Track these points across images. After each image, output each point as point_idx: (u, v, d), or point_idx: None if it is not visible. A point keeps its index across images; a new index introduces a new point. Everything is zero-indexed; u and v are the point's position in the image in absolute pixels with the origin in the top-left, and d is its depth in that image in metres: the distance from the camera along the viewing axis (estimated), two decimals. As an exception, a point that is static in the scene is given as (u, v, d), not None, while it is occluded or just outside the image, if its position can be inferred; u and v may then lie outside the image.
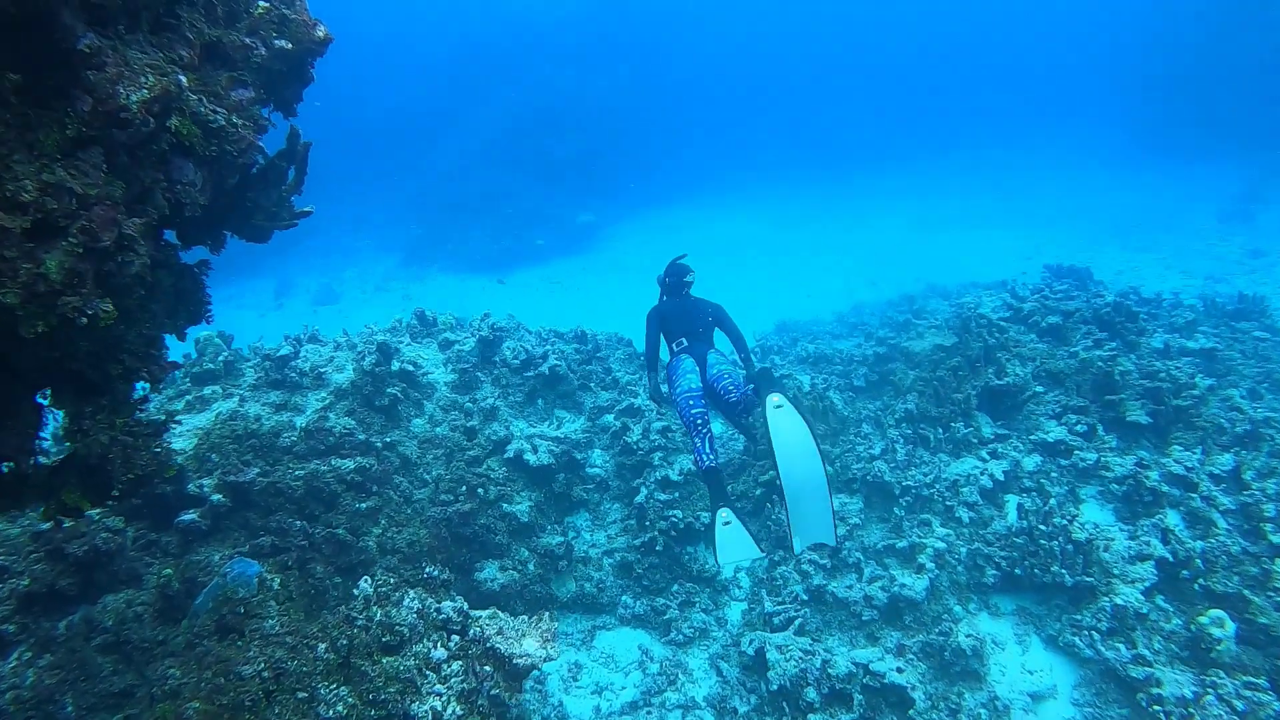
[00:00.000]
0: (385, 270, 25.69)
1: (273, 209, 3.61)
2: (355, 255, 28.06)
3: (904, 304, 11.12)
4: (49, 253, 2.41)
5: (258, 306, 23.38)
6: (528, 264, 23.86)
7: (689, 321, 6.37)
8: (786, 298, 18.65)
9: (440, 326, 8.76)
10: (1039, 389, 7.70)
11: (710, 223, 28.00)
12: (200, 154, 2.84)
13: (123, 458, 3.14)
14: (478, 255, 24.53)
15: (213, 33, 2.83)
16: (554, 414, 8.14)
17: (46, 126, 2.33)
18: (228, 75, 2.91)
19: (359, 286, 24.32)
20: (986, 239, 22.96)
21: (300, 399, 7.18)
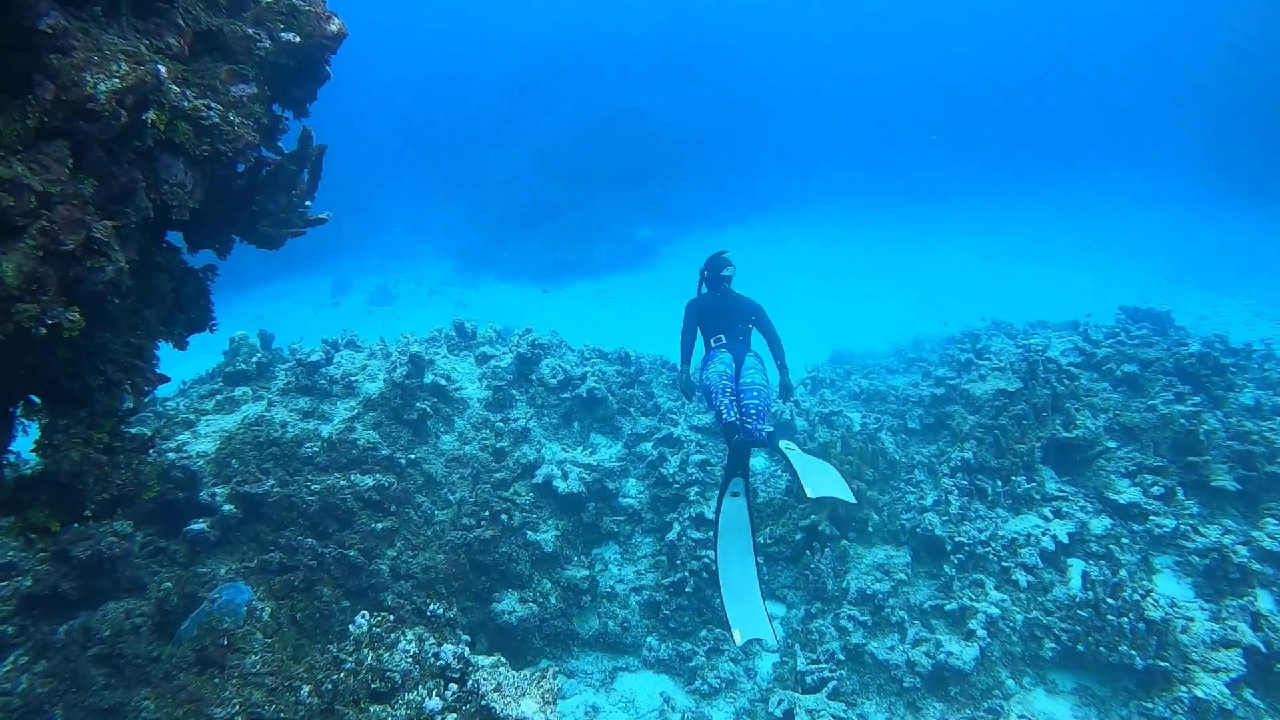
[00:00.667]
0: (441, 275, 25.86)
1: (281, 214, 3.36)
2: (413, 258, 28.36)
3: (966, 341, 10.47)
4: (4, 254, 2.17)
5: (315, 303, 23.74)
6: (582, 277, 23.68)
7: (728, 318, 6.25)
8: (843, 326, 18.02)
9: (479, 340, 8.52)
10: (1111, 444, 7.05)
11: (769, 244, 27.43)
12: (191, 153, 2.60)
13: (97, 475, 2.90)
14: (533, 265, 24.48)
15: (211, 21, 2.59)
16: (590, 438, 7.81)
17: (5, 115, 2.10)
18: (227, 68, 2.66)
19: (414, 289, 24.51)
20: (1056, 275, 21.92)
21: (329, 407, 6.99)
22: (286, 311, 22.60)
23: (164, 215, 2.65)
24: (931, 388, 8.27)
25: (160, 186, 2.57)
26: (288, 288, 24.99)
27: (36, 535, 2.94)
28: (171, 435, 6.58)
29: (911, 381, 9.70)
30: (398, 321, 20.67)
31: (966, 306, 19.08)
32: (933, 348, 11.47)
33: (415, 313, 21.65)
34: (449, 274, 25.69)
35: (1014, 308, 18.62)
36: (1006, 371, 8.56)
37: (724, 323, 6.26)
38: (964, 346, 10.03)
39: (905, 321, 18.05)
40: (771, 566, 6.86)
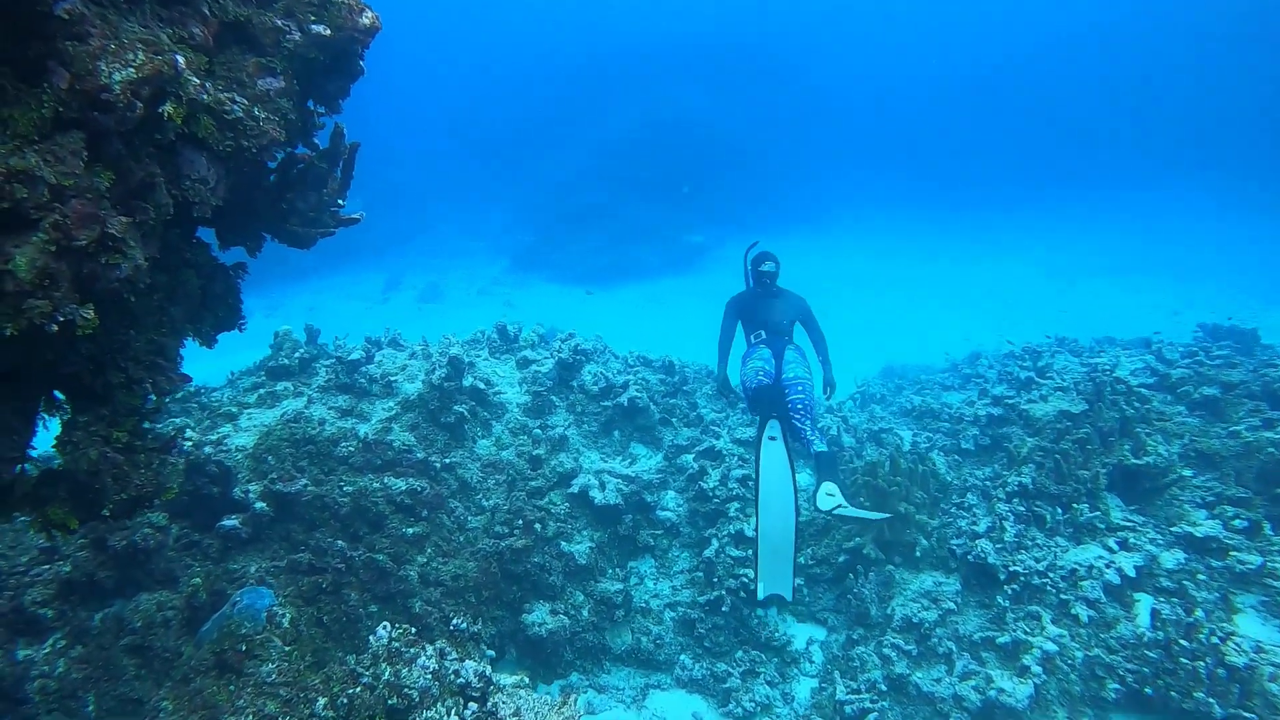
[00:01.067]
0: (492, 274, 26.05)
1: (311, 213, 3.27)
2: (466, 256, 28.64)
3: (1027, 358, 9.99)
4: (19, 248, 2.10)
5: (366, 297, 24.15)
6: (632, 280, 23.58)
7: (769, 313, 6.29)
8: (897, 339, 17.52)
9: (521, 343, 8.44)
10: (1187, 472, 6.59)
11: (824, 253, 26.96)
12: (214, 148, 2.51)
13: (116, 474, 2.84)
14: (583, 268, 24.48)
15: (240, 11, 2.50)
16: (630, 447, 7.64)
17: (22, 103, 2.03)
18: (254, 61, 2.58)
19: (464, 288, 24.73)
20: (1127, 289, 20.98)
21: (367, 406, 6.97)
22: (338, 305, 23.01)
23: (185, 211, 2.57)
24: (988, 407, 7.87)
25: (181, 182, 2.49)
26: (340, 281, 25.46)
27: (58, 531, 2.90)
28: (214, 427, 6.64)
29: (967, 399, 9.29)
30: (445, 320, 20.85)
31: (1029, 322, 18.39)
32: (991, 363, 10.99)
33: (463, 311, 21.79)
34: (499, 274, 25.87)
35: (1080, 324, 17.88)
36: (1070, 392, 8.10)
37: (765, 317, 6.27)
38: (1024, 364, 9.57)
39: (963, 336, 17.49)
40: (812, 588, 6.59)
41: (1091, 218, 30.84)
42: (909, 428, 8.40)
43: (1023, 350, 10.90)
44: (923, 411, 8.45)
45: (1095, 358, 9.74)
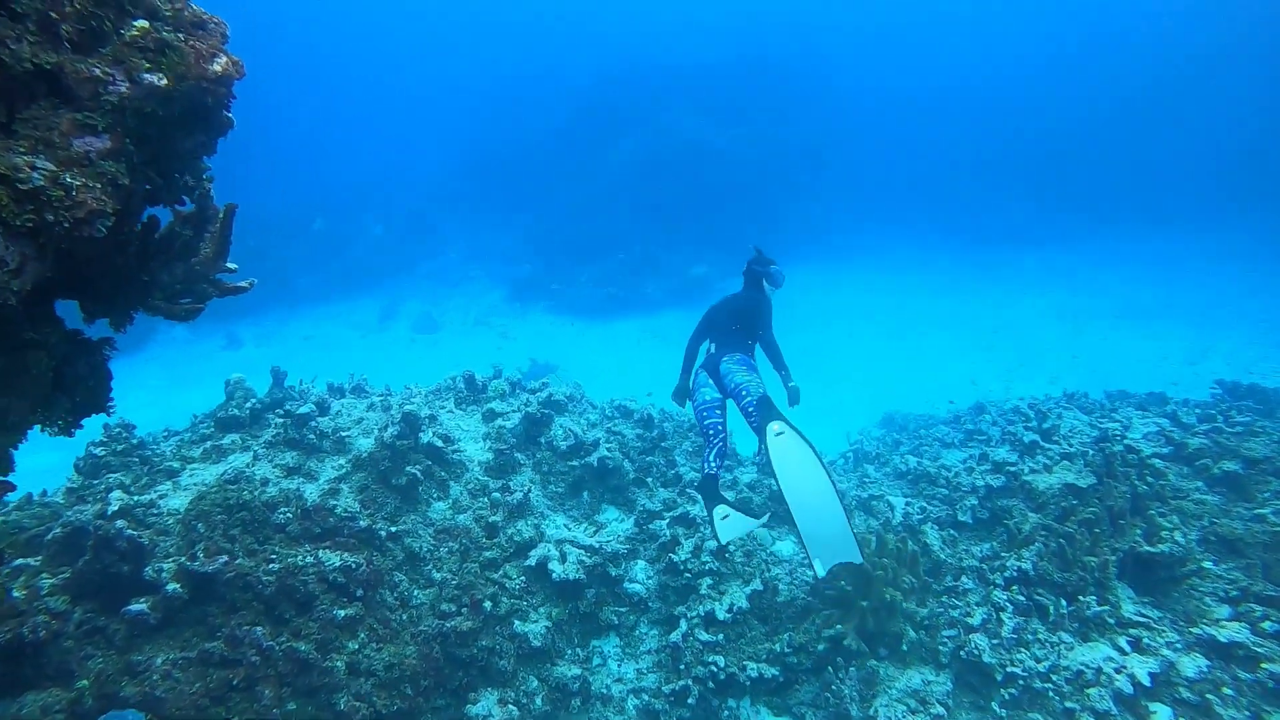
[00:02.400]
0: (490, 304, 25.68)
1: (178, 285, 2.80)
2: (465, 284, 28.30)
3: (1034, 417, 9.40)
4: None
5: (362, 326, 23.79)
6: (633, 313, 23.11)
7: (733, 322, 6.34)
8: (901, 382, 16.95)
9: (490, 393, 7.94)
10: (1207, 563, 5.98)
11: (829, 288, 26.47)
12: (10, 224, 2.06)
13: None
14: (582, 299, 24.06)
15: (47, 57, 2.06)
16: (601, 510, 7.11)
17: None
18: (69, 118, 2.13)
19: (460, 318, 24.34)
20: (1142, 335, 20.30)
21: (316, 464, 6.47)
22: (334, 334, 22.69)
23: None
24: (988, 475, 7.29)
25: (-30, 265, 2.03)
26: (338, 310, 25.18)
27: None
28: (153, 484, 6.17)
29: (967, 460, 8.71)
30: (438, 352, 20.50)
31: (1039, 367, 17.78)
32: (995, 419, 10.41)
33: (457, 342, 21.46)
34: (497, 303, 25.50)
35: (1092, 371, 17.27)
36: (1077, 460, 7.52)
37: (727, 327, 6.35)
38: (1029, 424, 8.99)
39: (969, 379, 16.91)
40: (789, 678, 6.00)
41: (1110, 257, 30.19)
42: (903, 492, 7.82)
43: (1028, 405, 10.34)
44: (918, 475, 7.88)
45: (1106, 419, 9.14)
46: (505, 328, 22.76)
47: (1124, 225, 33.96)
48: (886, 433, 12.00)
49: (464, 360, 19.27)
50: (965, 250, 31.97)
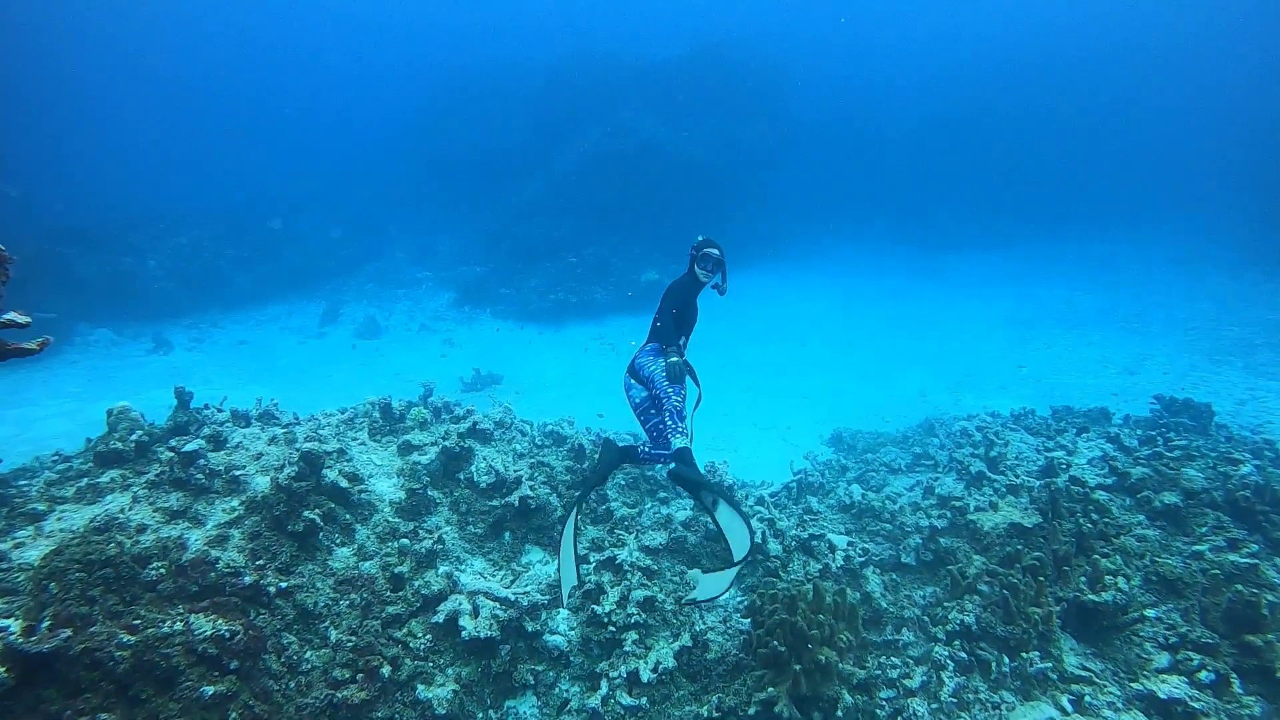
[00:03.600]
0: (436, 308, 24.87)
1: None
2: (413, 287, 27.42)
3: (981, 442, 9.20)
4: None
5: (301, 331, 22.80)
6: (581, 319, 22.58)
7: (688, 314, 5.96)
8: (853, 392, 16.75)
9: (408, 422, 7.38)
10: (1149, 612, 5.74)
11: (781, 296, 26.28)
12: None
13: None
14: (532, 303, 23.40)
15: None
16: (523, 552, 6.63)
17: None
18: None
19: (405, 323, 23.50)
20: (1084, 343, 20.52)
21: (204, 507, 5.86)
22: (273, 339, 21.70)
23: None
24: (933, 516, 6.99)
25: None
26: (277, 313, 24.16)
27: None
28: (10, 530, 5.52)
29: (914, 488, 8.45)
30: (379, 359, 19.72)
31: (989, 377, 17.75)
32: (943, 441, 10.20)
33: (400, 349, 20.67)
34: (444, 308, 24.70)
35: (1037, 380, 17.33)
36: (1023, 495, 7.29)
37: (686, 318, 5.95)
38: (976, 451, 8.77)
39: (918, 392, 16.80)
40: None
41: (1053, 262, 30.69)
42: (846, 527, 7.48)
43: (976, 428, 10.16)
44: (863, 509, 7.54)
45: (1052, 445, 8.98)
46: (451, 333, 22.00)
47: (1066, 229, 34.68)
48: (835, 454, 11.73)
49: (406, 368, 18.63)
50: (916, 256, 32.19)
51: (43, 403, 15.79)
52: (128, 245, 23.97)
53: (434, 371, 18.17)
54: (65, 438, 13.77)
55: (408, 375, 18.04)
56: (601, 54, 33.84)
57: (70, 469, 6.46)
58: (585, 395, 15.99)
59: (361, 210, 33.32)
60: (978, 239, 33.30)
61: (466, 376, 16.77)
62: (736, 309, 22.98)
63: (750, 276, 27.84)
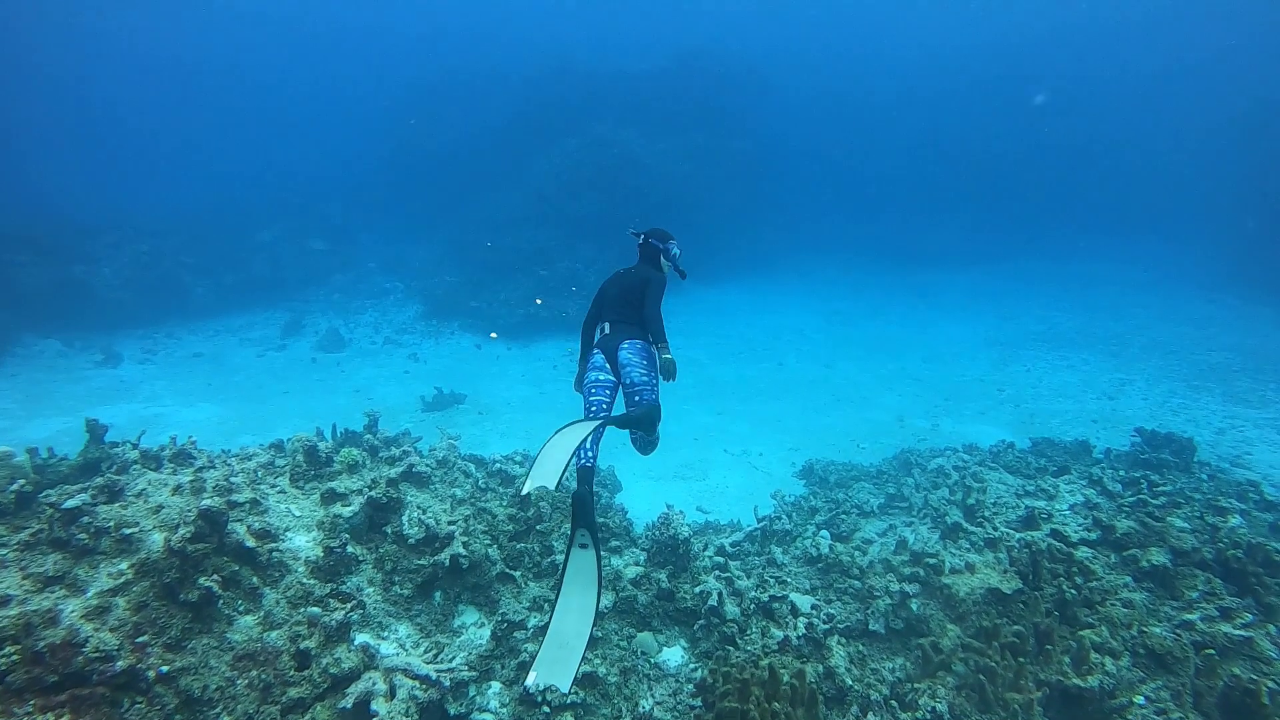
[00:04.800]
0: (404, 320, 24.12)
1: None
2: (381, 298, 26.66)
3: (958, 488, 8.71)
4: None
5: (262, 343, 21.96)
6: (553, 334, 21.94)
7: (623, 298, 5.80)
8: (828, 418, 16.25)
9: (336, 467, 6.72)
10: (1138, 699, 5.21)
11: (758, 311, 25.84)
12: None
13: None
14: (502, 317, 22.73)
15: None
16: (456, 611, 6.00)
17: None
18: None
19: (370, 335, 22.73)
20: (1065, 365, 20.21)
21: (87, 572, 5.19)
22: (228, 352, 20.85)
23: None
24: (903, 578, 6.45)
25: None
26: (238, 323, 23.31)
27: None
28: None
29: (887, 539, 7.92)
30: (341, 374, 18.98)
31: (966, 400, 17.33)
32: (919, 482, 9.68)
33: (364, 363, 19.92)
34: (411, 320, 23.95)
35: (1017, 406, 16.92)
36: (1001, 549, 6.77)
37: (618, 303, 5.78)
38: (954, 497, 8.26)
39: (896, 417, 16.34)
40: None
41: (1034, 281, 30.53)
42: (811, 582, 6.92)
43: (953, 467, 9.69)
44: (830, 564, 6.98)
45: (1032, 489, 8.50)
46: (416, 347, 21.26)
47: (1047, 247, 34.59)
48: (805, 488, 11.20)
49: (367, 384, 17.91)
50: (897, 274, 31.90)
51: (-27, 420, 14.93)
52: (82, 253, 23.02)
53: (395, 389, 17.49)
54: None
55: (368, 392, 17.35)
56: (580, 64, 33.34)
57: (-55, 521, 5.75)
58: (550, 417, 15.36)
59: (335, 218, 32.52)
60: (960, 255, 33.10)
61: (428, 395, 16.09)
62: (712, 327, 22.48)
63: (727, 293, 27.38)
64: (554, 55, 34.11)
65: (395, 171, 34.63)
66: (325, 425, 14.92)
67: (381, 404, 16.34)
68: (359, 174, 36.83)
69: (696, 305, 25.23)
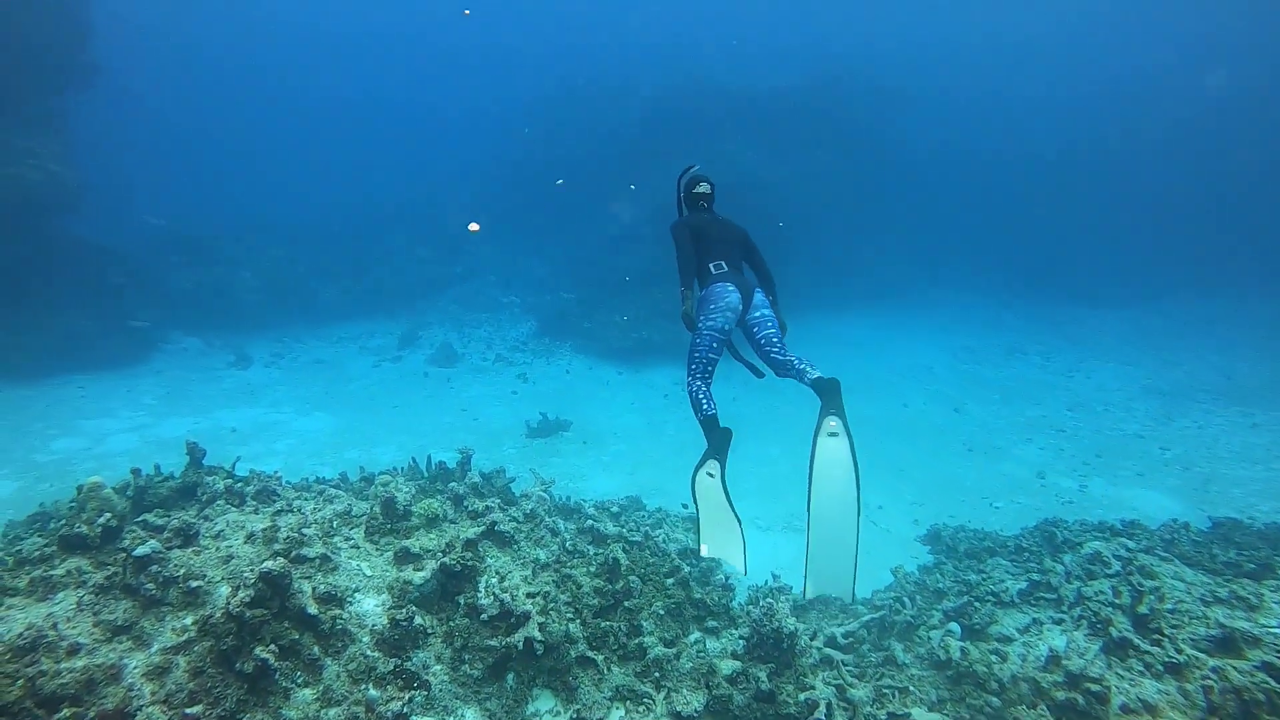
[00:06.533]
0: (516, 338, 24.18)
1: None
2: (497, 311, 26.91)
3: (1124, 585, 7.35)
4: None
5: (380, 352, 22.54)
6: (666, 361, 21.23)
7: (725, 241, 6.03)
8: (958, 471, 14.78)
9: (414, 520, 6.29)
10: None
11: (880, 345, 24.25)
12: None
13: None
14: (613, 340, 22.24)
15: None
16: (530, 697, 5.41)
17: None
18: None
19: (482, 351, 22.85)
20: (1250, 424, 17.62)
21: (152, 624, 4.94)
22: (347, 360, 21.51)
23: None
24: (1057, 708, 5.33)
25: None
26: (360, 330, 24.09)
27: None
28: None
29: (1030, 641, 6.74)
30: (450, 389, 19.10)
31: (1121, 457, 15.35)
32: (1069, 570, 8.32)
33: (473, 380, 20.01)
34: (525, 338, 23.98)
35: (1186, 470, 14.80)
36: (1191, 681, 5.52)
37: (721, 245, 5.98)
38: (1118, 600, 6.95)
39: (1036, 473, 14.69)
40: None
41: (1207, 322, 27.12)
42: (938, 692, 5.90)
43: (1115, 556, 8.30)
44: (961, 673, 5.93)
45: (1225, 590, 7.08)
46: (526, 367, 21.15)
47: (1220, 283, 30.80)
48: (931, 558, 10.01)
49: (474, 403, 17.84)
50: (1034, 307, 29.34)
51: (120, 414, 15.87)
52: (225, 255, 24.52)
53: (501, 410, 17.37)
54: (132, 456, 13.70)
55: (474, 411, 17.31)
56: (707, 81, 32.60)
57: (34, 550, 5.71)
58: (658, 453, 14.73)
59: (455, 228, 33.27)
60: (1112, 289, 30.02)
61: (533, 420, 15.82)
62: (832, 359, 21.21)
63: (848, 323, 25.94)
64: (681, 71, 33.58)
65: (519, 183, 35.11)
66: (429, 442, 14.94)
67: (486, 426, 16.23)
68: (483, 185, 37.63)
69: (817, 335, 23.93)
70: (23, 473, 12.41)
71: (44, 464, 12.87)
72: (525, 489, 7.78)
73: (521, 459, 14.13)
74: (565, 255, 29.12)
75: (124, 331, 19.14)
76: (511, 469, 12.71)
